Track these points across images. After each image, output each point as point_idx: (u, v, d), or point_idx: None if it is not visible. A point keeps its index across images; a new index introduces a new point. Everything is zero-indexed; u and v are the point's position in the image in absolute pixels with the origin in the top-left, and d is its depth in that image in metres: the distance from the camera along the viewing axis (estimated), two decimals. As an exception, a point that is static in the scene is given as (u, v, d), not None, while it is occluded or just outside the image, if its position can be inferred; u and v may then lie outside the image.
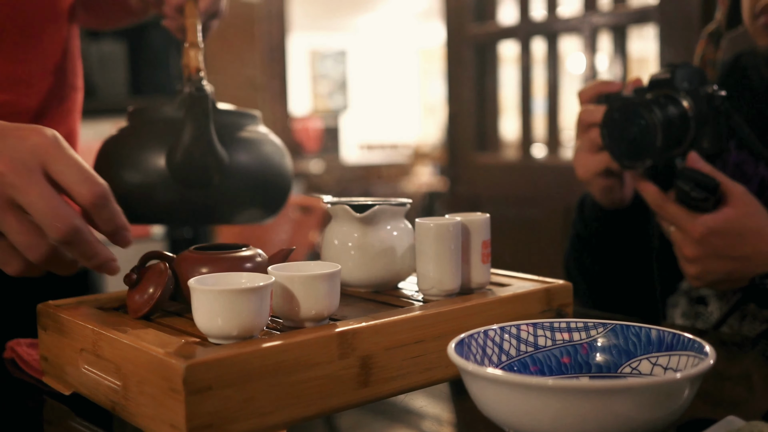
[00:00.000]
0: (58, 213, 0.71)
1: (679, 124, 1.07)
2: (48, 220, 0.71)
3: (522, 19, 2.95)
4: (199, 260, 0.81)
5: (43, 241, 0.73)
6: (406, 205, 0.92)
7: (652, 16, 2.53)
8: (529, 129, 3.02)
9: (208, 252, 0.83)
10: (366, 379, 0.75)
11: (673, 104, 1.07)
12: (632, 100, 1.07)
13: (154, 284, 0.78)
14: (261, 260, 0.83)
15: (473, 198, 3.07)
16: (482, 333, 0.71)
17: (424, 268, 0.86)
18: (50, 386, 0.84)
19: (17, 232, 0.72)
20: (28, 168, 0.72)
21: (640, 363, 0.70)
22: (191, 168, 0.93)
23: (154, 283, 0.78)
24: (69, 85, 1.16)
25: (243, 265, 0.81)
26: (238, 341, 0.70)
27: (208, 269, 0.80)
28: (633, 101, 1.07)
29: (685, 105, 1.07)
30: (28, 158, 0.72)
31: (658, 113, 1.05)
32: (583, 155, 1.15)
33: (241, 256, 0.82)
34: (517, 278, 0.95)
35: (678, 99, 1.08)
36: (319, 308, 0.75)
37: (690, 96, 1.08)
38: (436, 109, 10.95)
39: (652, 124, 1.04)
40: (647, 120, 1.05)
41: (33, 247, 0.72)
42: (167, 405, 0.66)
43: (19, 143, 0.73)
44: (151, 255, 0.85)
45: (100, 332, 0.74)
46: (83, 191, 0.73)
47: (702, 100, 1.08)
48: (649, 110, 1.05)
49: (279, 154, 1.05)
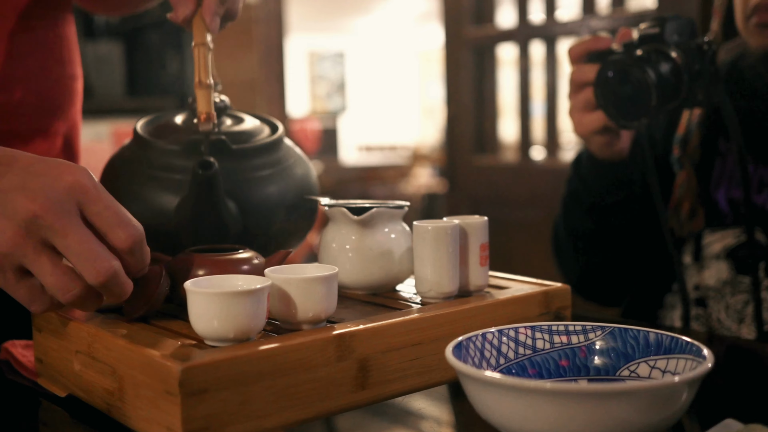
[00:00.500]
0: (99, 258, 0.70)
1: (672, 80, 1.07)
2: (89, 264, 0.70)
3: (520, 22, 2.95)
4: (196, 262, 0.81)
5: (78, 283, 0.71)
6: (404, 207, 0.92)
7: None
8: (528, 131, 3.02)
9: (205, 254, 0.83)
10: (364, 381, 0.75)
11: (664, 59, 1.07)
12: (624, 60, 1.07)
13: (149, 286, 0.78)
14: (258, 262, 0.83)
15: (472, 200, 3.07)
16: (480, 336, 0.71)
17: (422, 270, 0.86)
18: (45, 388, 0.83)
19: (50, 274, 0.70)
20: (66, 210, 0.70)
21: (639, 366, 0.70)
22: (201, 232, 0.89)
23: (149, 284, 0.78)
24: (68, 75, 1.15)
25: (240, 268, 0.81)
26: (234, 344, 0.70)
27: (205, 271, 0.80)
28: (625, 61, 1.07)
29: (676, 59, 1.07)
30: (65, 199, 0.70)
31: (650, 73, 1.05)
32: (578, 114, 1.16)
33: (238, 258, 0.82)
34: (515, 281, 0.95)
35: (669, 53, 1.08)
36: (316, 311, 0.75)
37: (681, 49, 1.08)
38: (435, 111, 10.96)
39: (646, 84, 1.05)
40: (641, 80, 1.05)
41: (65, 289, 0.71)
42: (163, 408, 0.65)
43: (54, 182, 0.71)
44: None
45: (95, 334, 0.74)
46: (121, 235, 0.72)
47: (693, 53, 1.08)
48: (642, 70, 1.05)
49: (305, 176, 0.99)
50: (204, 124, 0.90)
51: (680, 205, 1.21)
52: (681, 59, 1.07)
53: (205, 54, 0.92)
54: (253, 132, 0.99)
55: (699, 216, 1.20)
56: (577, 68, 1.14)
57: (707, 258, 1.18)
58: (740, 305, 1.14)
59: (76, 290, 0.71)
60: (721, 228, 1.18)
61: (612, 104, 1.09)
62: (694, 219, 1.20)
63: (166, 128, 0.98)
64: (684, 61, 1.07)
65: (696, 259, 1.20)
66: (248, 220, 0.91)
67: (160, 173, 0.92)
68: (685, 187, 1.20)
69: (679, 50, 1.08)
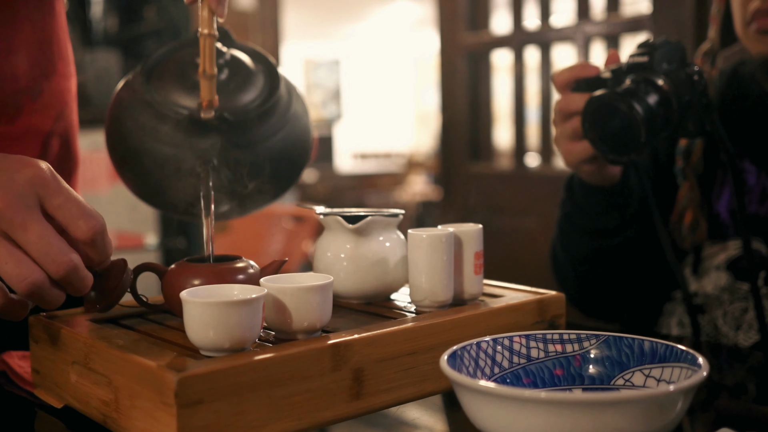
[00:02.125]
0: (59, 251, 0.71)
1: (662, 112, 1.04)
2: (49, 258, 0.71)
3: (515, 29, 2.96)
4: (191, 272, 0.81)
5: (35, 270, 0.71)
6: (399, 216, 0.92)
7: (646, 25, 2.54)
8: (523, 138, 3.02)
9: (200, 264, 0.83)
10: (358, 391, 0.75)
11: (653, 90, 1.04)
12: (611, 94, 1.04)
13: (111, 279, 0.78)
14: (253, 272, 0.83)
15: (466, 207, 3.07)
16: (475, 345, 0.71)
17: (417, 279, 0.86)
18: (42, 399, 0.83)
19: (5, 263, 0.71)
20: (27, 204, 0.71)
21: (633, 375, 0.70)
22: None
23: (111, 278, 0.78)
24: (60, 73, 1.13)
25: (235, 277, 0.81)
26: (230, 354, 0.70)
27: (201, 281, 0.80)
28: (613, 95, 1.04)
29: (665, 89, 1.04)
30: (26, 193, 0.71)
31: (638, 109, 1.02)
32: (566, 143, 1.13)
33: (233, 267, 0.82)
34: (509, 289, 0.95)
35: (658, 84, 1.05)
36: (311, 320, 0.75)
37: (670, 79, 1.05)
38: (430, 118, 10.96)
39: (635, 120, 1.02)
40: (629, 116, 1.02)
41: (21, 276, 0.71)
42: (159, 418, 0.65)
43: (15, 176, 0.72)
44: (143, 267, 0.85)
45: (91, 345, 0.74)
46: (82, 226, 0.73)
47: (683, 83, 1.05)
48: (630, 106, 1.02)
49: (301, 125, 1.03)
50: (206, 111, 0.92)
51: (683, 217, 1.20)
52: (670, 89, 1.05)
53: (211, 44, 0.93)
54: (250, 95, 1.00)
55: (701, 228, 1.19)
56: (563, 97, 1.11)
57: (708, 269, 1.18)
58: (738, 312, 1.14)
59: (31, 277, 0.71)
60: (721, 240, 1.18)
61: (600, 139, 1.06)
62: (697, 231, 1.19)
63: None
64: (673, 90, 1.05)
65: (695, 271, 1.20)
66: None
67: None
68: (688, 198, 1.19)
69: (668, 80, 1.05)
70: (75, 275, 0.72)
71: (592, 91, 1.07)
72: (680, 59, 1.08)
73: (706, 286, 1.17)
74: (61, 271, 0.71)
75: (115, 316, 0.85)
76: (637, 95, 1.03)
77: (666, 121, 1.05)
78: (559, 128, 1.14)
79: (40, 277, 0.71)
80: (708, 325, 1.17)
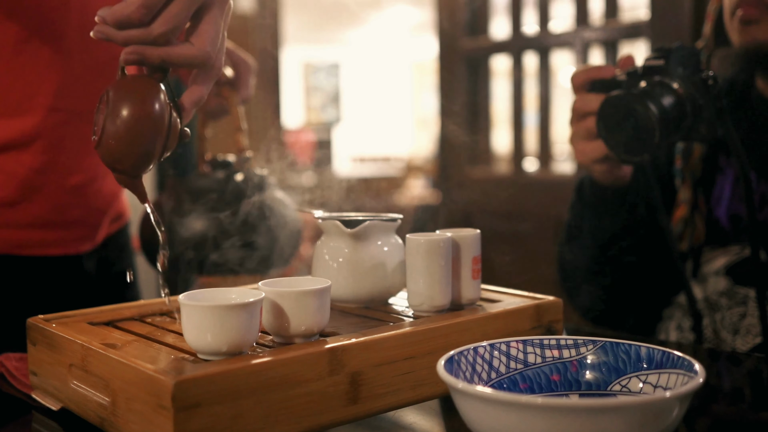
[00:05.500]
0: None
1: (676, 115, 1.06)
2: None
3: (514, 34, 2.96)
4: None
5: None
6: (397, 220, 0.92)
7: (644, 31, 2.54)
8: (521, 143, 3.02)
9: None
10: (356, 395, 0.75)
11: (668, 93, 1.06)
12: (627, 94, 1.06)
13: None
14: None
15: (464, 212, 3.07)
16: (472, 350, 0.71)
17: (415, 284, 0.86)
18: (39, 401, 0.83)
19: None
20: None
21: (630, 381, 0.70)
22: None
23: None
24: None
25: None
26: (227, 357, 0.70)
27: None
28: (629, 96, 1.05)
29: (680, 92, 1.06)
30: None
31: (653, 109, 1.04)
32: (580, 142, 1.15)
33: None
34: (507, 294, 0.95)
35: (673, 87, 1.06)
36: (309, 324, 0.75)
37: (685, 83, 1.07)
38: (429, 122, 10.96)
39: (650, 121, 1.04)
40: (644, 116, 1.04)
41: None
42: (156, 422, 0.65)
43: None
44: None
45: (89, 347, 0.74)
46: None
47: (698, 87, 1.06)
48: (645, 107, 1.04)
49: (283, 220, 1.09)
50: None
51: (681, 219, 1.20)
52: (685, 92, 1.06)
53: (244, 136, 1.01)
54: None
55: (699, 229, 1.20)
56: (579, 97, 1.13)
57: (707, 274, 1.18)
58: (736, 317, 1.14)
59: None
60: (721, 245, 1.18)
61: (614, 138, 1.07)
62: (695, 232, 1.20)
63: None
64: (687, 94, 1.06)
65: (693, 275, 1.20)
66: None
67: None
68: (686, 200, 1.20)
69: (683, 83, 1.06)
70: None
71: (607, 92, 1.09)
72: (695, 64, 1.09)
73: (705, 291, 1.17)
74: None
75: (113, 319, 0.85)
76: (653, 97, 1.05)
77: (679, 124, 1.07)
78: (574, 127, 1.15)
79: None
80: (706, 330, 1.17)
